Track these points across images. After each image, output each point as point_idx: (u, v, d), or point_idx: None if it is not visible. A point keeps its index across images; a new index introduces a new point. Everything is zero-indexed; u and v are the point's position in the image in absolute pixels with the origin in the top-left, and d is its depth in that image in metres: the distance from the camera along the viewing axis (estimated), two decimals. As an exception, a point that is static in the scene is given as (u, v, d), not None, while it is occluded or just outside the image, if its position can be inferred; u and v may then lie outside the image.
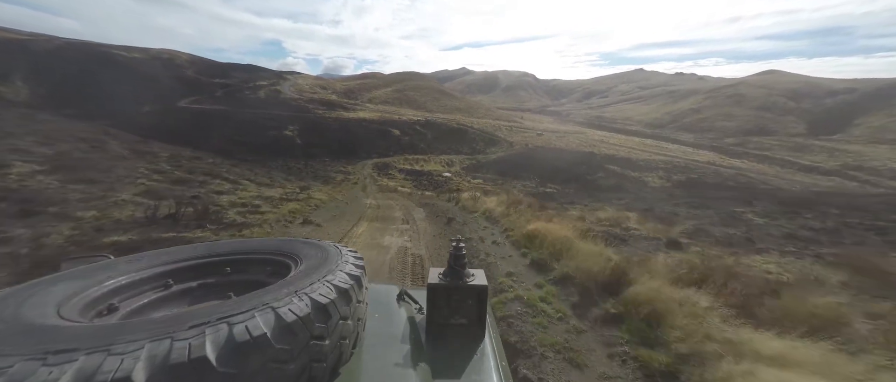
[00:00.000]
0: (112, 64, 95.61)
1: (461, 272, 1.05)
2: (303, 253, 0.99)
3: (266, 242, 1.13)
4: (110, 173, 13.17)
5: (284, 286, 0.74)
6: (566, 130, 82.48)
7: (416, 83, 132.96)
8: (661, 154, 50.60)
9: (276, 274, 0.98)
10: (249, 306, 0.64)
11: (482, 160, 52.81)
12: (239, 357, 0.55)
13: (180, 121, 55.26)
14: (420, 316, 1.12)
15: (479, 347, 0.98)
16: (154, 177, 13.90)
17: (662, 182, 35.13)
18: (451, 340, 1.00)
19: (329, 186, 23.89)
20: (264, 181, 19.69)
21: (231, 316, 0.60)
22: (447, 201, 16.59)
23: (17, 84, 79.08)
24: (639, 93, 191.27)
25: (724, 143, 75.29)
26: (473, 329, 1.04)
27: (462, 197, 16.01)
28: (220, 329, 0.57)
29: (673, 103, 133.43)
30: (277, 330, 0.61)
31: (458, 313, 1.04)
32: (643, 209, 14.67)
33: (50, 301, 0.71)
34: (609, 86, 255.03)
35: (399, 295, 1.21)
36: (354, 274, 0.85)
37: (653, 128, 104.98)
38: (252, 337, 0.57)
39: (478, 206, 11.29)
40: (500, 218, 8.94)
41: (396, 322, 1.05)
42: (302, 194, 15.36)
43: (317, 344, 0.67)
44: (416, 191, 24.31)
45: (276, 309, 0.64)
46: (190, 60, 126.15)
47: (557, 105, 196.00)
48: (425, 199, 18.08)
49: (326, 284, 0.76)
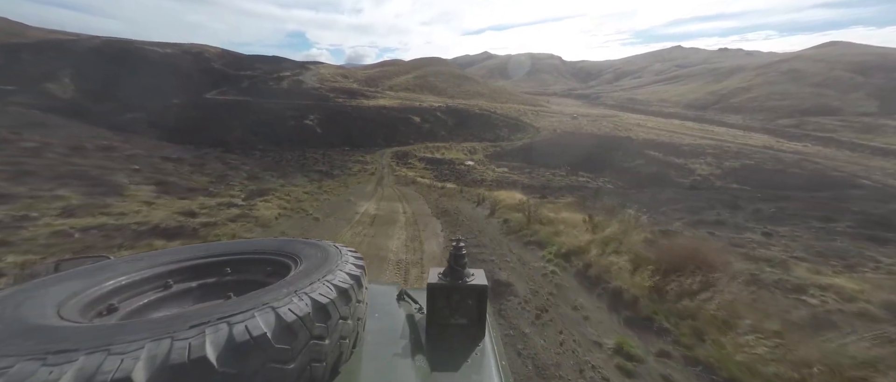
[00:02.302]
0: (146, 59, 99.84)
1: (461, 272, 1.04)
2: (302, 253, 1.00)
3: (266, 242, 1.14)
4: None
5: (284, 286, 0.74)
6: (596, 114, 77.46)
7: (437, 69, 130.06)
8: (708, 137, 45.81)
9: (276, 274, 0.99)
10: (249, 306, 0.64)
11: (506, 147, 50.12)
12: (239, 356, 0.55)
13: (205, 112, 56.26)
14: (420, 315, 1.11)
15: (479, 347, 0.97)
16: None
17: (711, 169, 31.32)
18: (451, 340, 0.99)
19: (332, 180, 21.86)
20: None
21: (231, 315, 0.61)
22: (474, 203, 12.98)
23: (65, 81, 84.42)
24: (676, 72, 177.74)
25: (778, 125, 68.00)
26: (473, 329, 1.03)
27: (497, 198, 12.23)
28: (220, 328, 0.57)
29: (716, 82, 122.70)
30: (277, 330, 0.61)
31: (458, 313, 1.04)
32: (706, 221, 11.58)
33: (50, 301, 0.72)
34: (642, 66, 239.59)
35: (399, 295, 1.21)
36: (354, 274, 0.86)
37: (693, 109, 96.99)
38: (252, 337, 0.57)
39: (543, 232, 6.65)
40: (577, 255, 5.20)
41: (396, 322, 1.06)
42: (259, 200, 11.20)
43: (317, 344, 0.67)
44: (435, 184, 21.48)
45: (276, 308, 0.64)
46: (217, 54, 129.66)
47: (585, 87, 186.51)
48: (445, 199, 14.96)
49: (326, 284, 0.77)
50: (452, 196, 16.08)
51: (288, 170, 25.20)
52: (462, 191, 17.73)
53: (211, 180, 16.94)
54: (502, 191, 16.28)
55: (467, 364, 0.89)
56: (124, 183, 12.52)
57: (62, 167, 13.79)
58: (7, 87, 74.01)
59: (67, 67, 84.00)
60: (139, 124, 48.98)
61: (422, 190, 18.83)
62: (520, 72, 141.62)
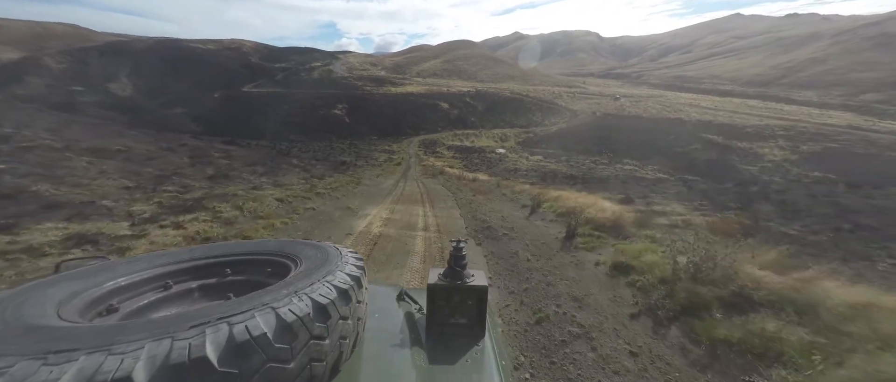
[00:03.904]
0: (191, 56, 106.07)
1: (461, 272, 1.05)
2: (302, 254, 0.99)
3: (265, 243, 1.14)
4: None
5: (284, 286, 0.74)
6: (640, 94, 71.18)
7: (465, 52, 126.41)
8: (776, 117, 40.13)
9: (276, 274, 0.99)
10: (249, 306, 0.64)
11: (540, 133, 47.30)
12: (239, 356, 0.55)
13: (240, 105, 58.33)
14: (420, 315, 1.11)
15: (478, 347, 0.98)
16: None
17: (785, 154, 27.10)
18: (451, 340, 1.00)
19: (341, 176, 18.63)
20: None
21: (231, 315, 0.60)
22: (522, 207, 9.62)
23: (124, 81, 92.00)
24: (733, 44, 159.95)
25: (862, 101, 58.72)
26: (473, 329, 1.04)
27: (564, 203, 9.24)
28: (220, 328, 0.57)
29: (783, 53, 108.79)
30: (277, 330, 0.61)
31: (458, 313, 1.04)
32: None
33: (50, 302, 0.72)
34: (692, 40, 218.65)
35: (399, 295, 1.21)
36: (354, 275, 0.86)
37: (754, 86, 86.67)
38: (252, 337, 0.57)
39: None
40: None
41: (396, 322, 1.06)
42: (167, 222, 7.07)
43: (317, 344, 0.67)
44: (466, 176, 19.24)
45: (276, 308, 0.64)
46: (254, 48, 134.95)
47: (626, 66, 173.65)
48: (481, 198, 11.48)
49: (326, 284, 0.77)
50: (489, 193, 12.93)
51: (279, 165, 21.03)
52: (499, 187, 14.76)
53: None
54: (563, 191, 12.57)
55: (467, 364, 0.89)
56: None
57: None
58: (77, 87, 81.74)
59: (125, 67, 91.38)
60: (183, 119, 51.62)
61: (450, 183, 16.44)
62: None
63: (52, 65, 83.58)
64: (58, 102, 64.87)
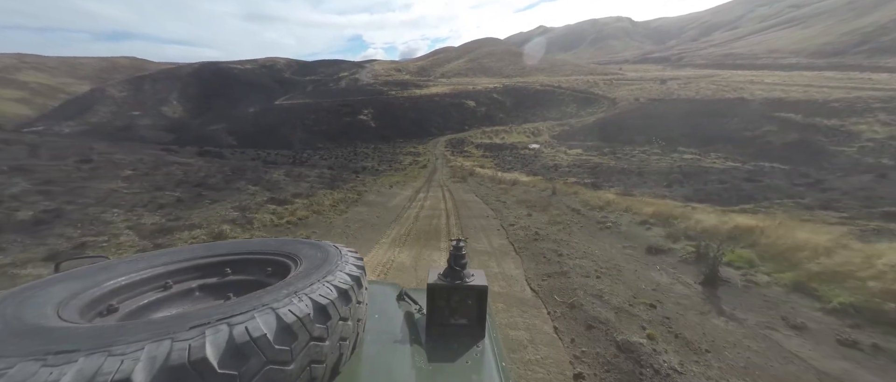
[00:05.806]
0: (231, 76, 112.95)
1: (461, 272, 1.04)
2: (302, 254, 0.99)
3: (265, 243, 1.13)
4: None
5: (284, 286, 0.73)
6: (687, 75, 64.54)
7: (489, 49, 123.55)
8: (864, 88, 33.87)
9: (276, 274, 0.98)
10: (249, 306, 0.64)
11: (576, 125, 43.79)
12: (239, 357, 0.55)
13: (273, 117, 59.93)
14: (420, 315, 1.11)
15: (478, 347, 0.97)
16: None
17: (890, 129, 22.17)
18: (451, 340, 0.99)
19: (334, 190, 11.81)
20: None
21: (231, 316, 0.60)
22: (635, 247, 5.43)
23: (174, 103, 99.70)
24: (791, 14, 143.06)
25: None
26: (473, 329, 1.03)
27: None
28: (220, 329, 0.57)
29: (856, 18, 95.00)
30: (277, 331, 0.61)
31: (458, 313, 1.04)
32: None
33: (49, 302, 0.72)
34: (738, 15, 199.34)
35: (399, 296, 1.21)
36: (354, 275, 0.86)
37: (824, 56, 75.94)
38: (252, 338, 0.57)
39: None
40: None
41: (396, 323, 1.06)
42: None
43: (317, 345, 0.67)
44: (501, 177, 16.73)
45: (275, 309, 0.64)
46: (287, 64, 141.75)
47: (664, 49, 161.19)
48: (539, 216, 7.88)
49: (326, 285, 0.77)
50: (548, 207, 8.95)
51: (234, 182, 12.26)
52: (556, 194, 10.80)
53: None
54: (657, 198, 9.14)
55: (467, 365, 0.89)
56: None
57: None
58: (135, 112, 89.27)
59: (174, 91, 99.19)
60: (222, 134, 53.80)
61: (485, 190, 13.21)
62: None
63: (115, 95, 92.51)
64: (120, 126, 70.98)
